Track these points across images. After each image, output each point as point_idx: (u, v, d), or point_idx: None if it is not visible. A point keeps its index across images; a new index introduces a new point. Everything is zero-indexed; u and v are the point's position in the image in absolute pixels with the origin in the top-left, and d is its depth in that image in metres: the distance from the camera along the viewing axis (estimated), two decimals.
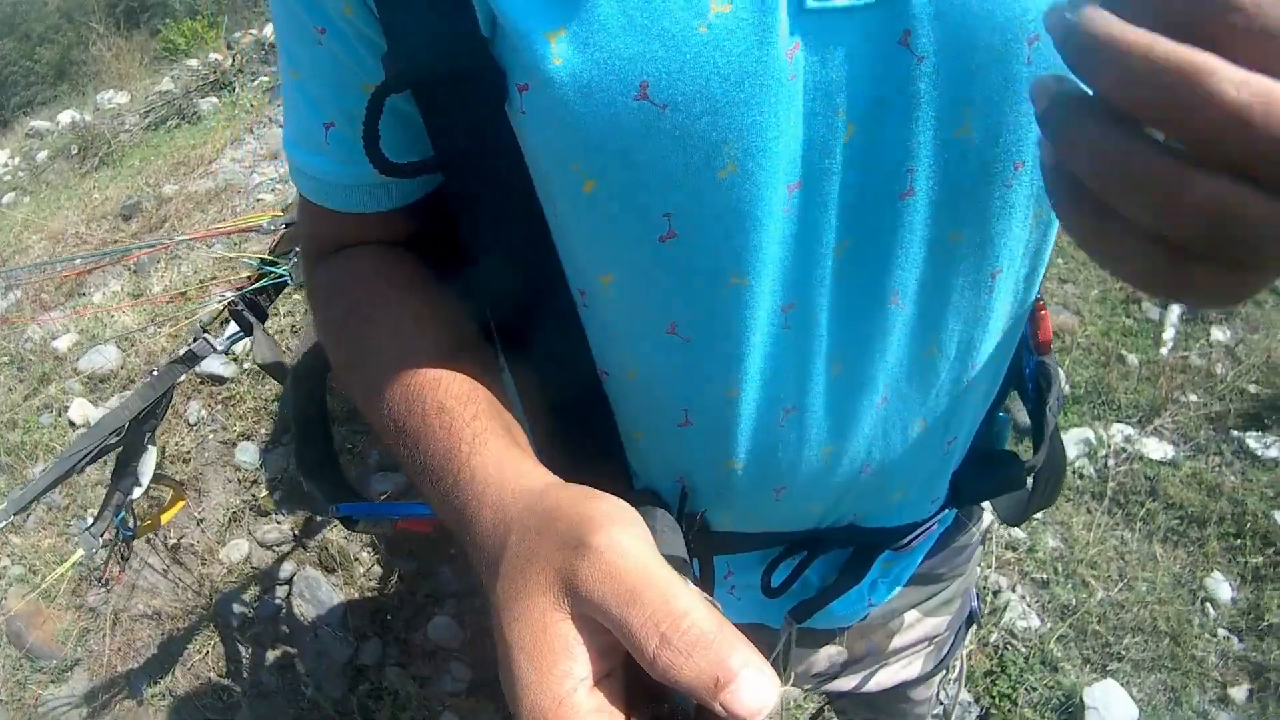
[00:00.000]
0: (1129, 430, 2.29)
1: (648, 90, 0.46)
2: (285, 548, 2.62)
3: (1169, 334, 2.53)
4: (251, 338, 1.52)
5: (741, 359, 0.56)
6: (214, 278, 3.58)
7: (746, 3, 0.45)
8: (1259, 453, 2.18)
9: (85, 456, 1.44)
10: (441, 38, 0.49)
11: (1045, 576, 2.09)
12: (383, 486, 2.62)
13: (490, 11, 0.47)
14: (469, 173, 0.54)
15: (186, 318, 3.28)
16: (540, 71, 0.46)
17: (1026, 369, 0.79)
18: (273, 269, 1.57)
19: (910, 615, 0.89)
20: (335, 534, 2.63)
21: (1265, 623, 1.95)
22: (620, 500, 0.40)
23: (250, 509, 2.71)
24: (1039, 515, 2.26)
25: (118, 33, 6.88)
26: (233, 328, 1.52)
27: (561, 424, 0.66)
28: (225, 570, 2.50)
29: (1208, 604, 1.99)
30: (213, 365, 2.98)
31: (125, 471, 1.53)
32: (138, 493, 1.57)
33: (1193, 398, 2.38)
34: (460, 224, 0.58)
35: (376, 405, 0.55)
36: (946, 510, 0.78)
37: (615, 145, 0.48)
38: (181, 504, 2.08)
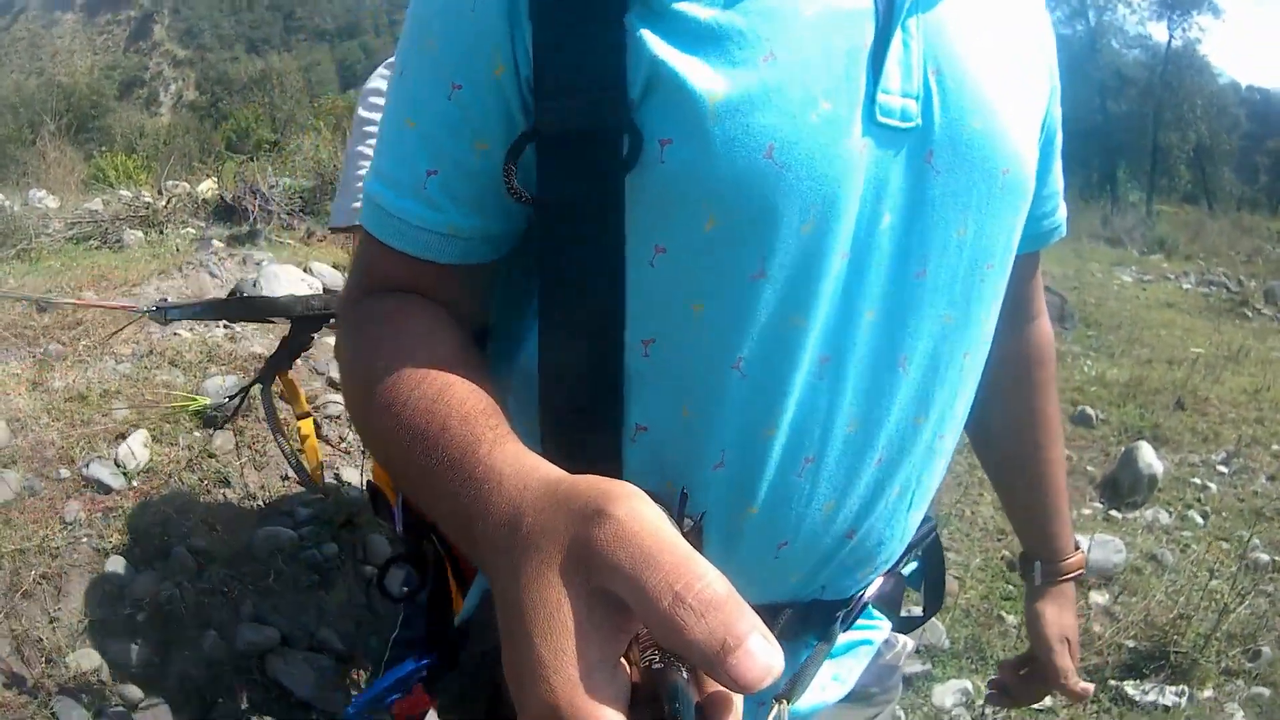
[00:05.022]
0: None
1: (773, 152, 0.59)
2: (138, 671, 2.39)
3: None
4: None
5: (785, 397, 0.65)
6: (119, 390, 3.44)
7: (842, 106, 0.61)
8: (1137, 698, 2.33)
9: None
10: (594, 97, 0.59)
11: None
12: (254, 636, 2.48)
13: (650, 77, 0.59)
14: (570, 216, 0.62)
15: (84, 423, 3.11)
16: (696, 125, 0.58)
17: None
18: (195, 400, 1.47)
19: None
20: (195, 671, 2.44)
21: None
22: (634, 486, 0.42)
23: (106, 623, 2.49)
24: None
25: (63, 137, 6.85)
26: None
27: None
28: (70, 676, 2.25)
29: None
30: (101, 473, 2.84)
31: None
32: None
33: None
34: (543, 268, 0.64)
35: (391, 413, 0.58)
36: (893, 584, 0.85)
37: (743, 189, 0.60)
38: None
